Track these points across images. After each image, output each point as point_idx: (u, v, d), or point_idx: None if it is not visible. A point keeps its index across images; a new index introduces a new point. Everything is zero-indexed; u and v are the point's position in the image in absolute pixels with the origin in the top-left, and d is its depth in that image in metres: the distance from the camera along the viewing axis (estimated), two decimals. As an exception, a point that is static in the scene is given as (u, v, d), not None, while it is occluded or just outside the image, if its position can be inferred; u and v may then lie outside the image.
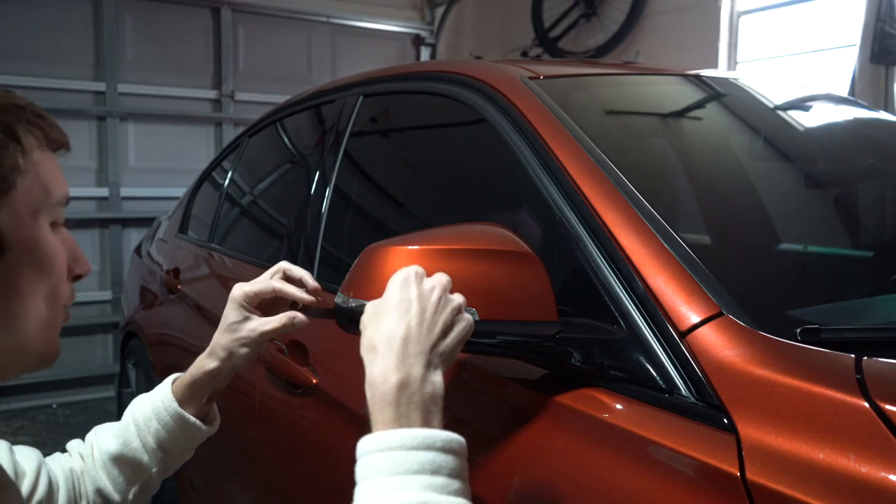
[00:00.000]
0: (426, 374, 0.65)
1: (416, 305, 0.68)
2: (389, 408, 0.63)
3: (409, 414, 0.63)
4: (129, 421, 0.94)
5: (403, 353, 0.65)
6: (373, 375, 0.66)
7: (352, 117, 1.55)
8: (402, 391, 0.64)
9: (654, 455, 0.72)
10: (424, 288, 0.69)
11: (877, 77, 2.76)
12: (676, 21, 3.73)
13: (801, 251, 1.17)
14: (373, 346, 0.67)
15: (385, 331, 0.67)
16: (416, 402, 0.64)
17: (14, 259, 0.61)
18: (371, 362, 0.67)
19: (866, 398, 0.63)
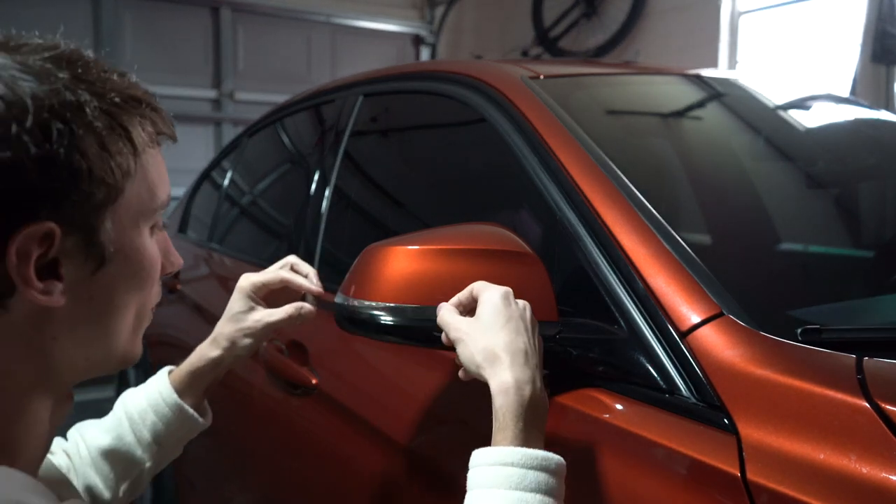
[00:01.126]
0: (543, 389, 0.70)
1: (522, 322, 0.71)
2: (521, 419, 0.66)
3: (537, 426, 0.67)
4: (120, 415, 0.91)
5: (527, 367, 0.68)
6: (506, 384, 0.67)
7: (352, 117, 1.55)
8: (532, 403, 0.67)
9: (655, 455, 0.72)
10: (521, 306, 0.73)
11: (878, 77, 2.77)
12: (676, 21, 3.73)
13: (801, 251, 1.16)
14: (496, 356, 0.69)
15: (507, 342, 0.69)
16: (540, 416, 0.68)
17: (112, 270, 0.57)
18: (498, 371, 0.68)
19: (867, 398, 0.63)
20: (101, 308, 0.58)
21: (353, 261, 0.89)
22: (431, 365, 1.02)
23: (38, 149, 0.50)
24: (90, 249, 0.55)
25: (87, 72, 0.56)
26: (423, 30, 4.89)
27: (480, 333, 0.71)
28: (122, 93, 0.57)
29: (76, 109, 0.53)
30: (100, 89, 0.55)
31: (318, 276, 0.97)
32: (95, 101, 0.54)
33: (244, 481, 1.55)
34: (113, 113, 0.56)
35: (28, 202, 0.51)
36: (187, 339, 2.00)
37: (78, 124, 0.52)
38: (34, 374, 0.57)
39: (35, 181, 0.50)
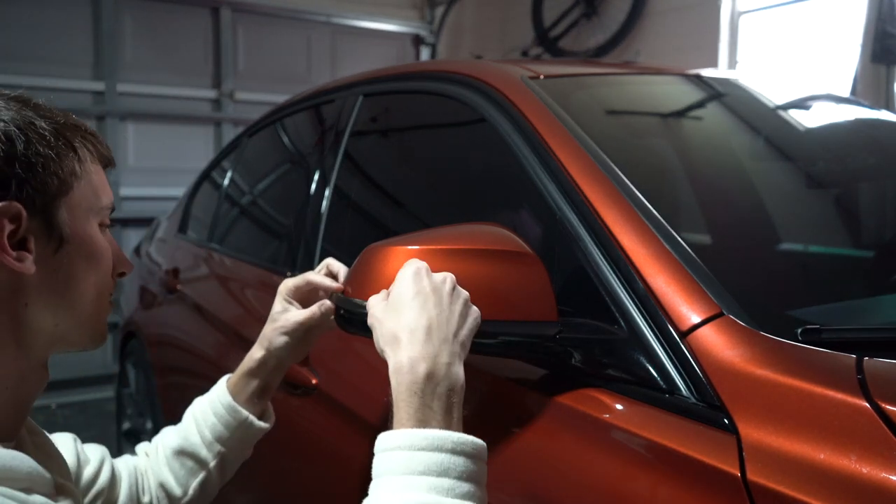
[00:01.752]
0: (451, 364, 0.68)
1: (433, 296, 0.71)
2: (415, 397, 0.66)
3: (432, 404, 0.65)
4: (189, 418, 1.01)
5: (429, 343, 0.68)
6: (400, 363, 0.67)
7: (352, 117, 1.55)
8: (429, 381, 0.66)
9: (655, 455, 0.72)
10: (436, 280, 0.73)
11: (878, 77, 2.77)
12: (677, 21, 3.73)
13: (801, 251, 1.16)
14: (395, 337, 0.69)
15: (407, 321, 0.69)
16: (439, 393, 0.66)
17: (70, 250, 0.70)
18: (395, 352, 0.69)
19: (867, 399, 0.63)
20: (63, 281, 0.70)
21: (353, 261, 0.89)
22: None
23: (2, 147, 0.64)
24: (51, 231, 0.68)
25: (38, 106, 0.71)
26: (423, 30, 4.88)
27: (387, 316, 0.71)
28: (66, 119, 0.73)
29: (29, 124, 0.68)
30: (47, 114, 0.71)
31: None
32: (43, 122, 0.69)
33: (244, 481, 1.55)
34: (58, 130, 0.70)
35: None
36: (187, 339, 2.00)
37: (31, 133, 0.67)
38: (8, 336, 0.67)
39: (2, 170, 0.64)
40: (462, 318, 0.72)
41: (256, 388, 1.00)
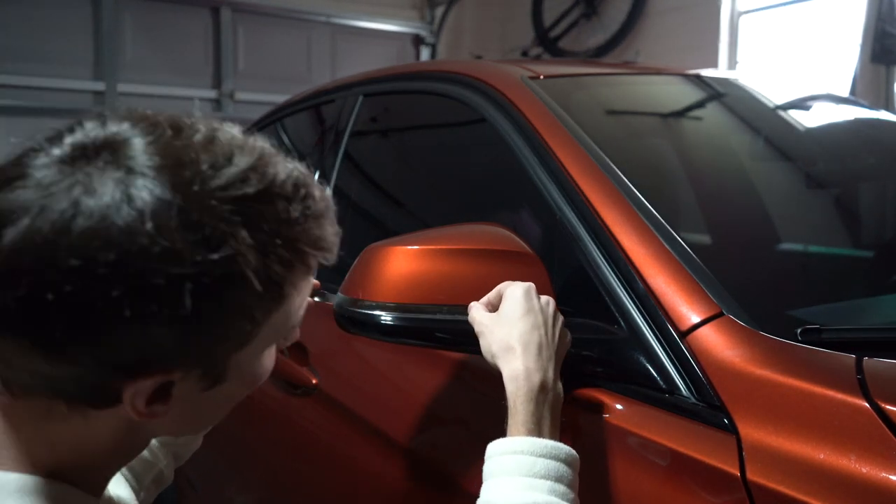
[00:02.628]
0: (556, 379, 0.72)
1: (541, 316, 0.75)
2: (532, 403, 0.69)
3: (545, 413, 0.70)
4: None
5: (540, 357, 0.72)
6: (516, 371, 0.71)
7: (352, 117, 1.55)
8: (543, 391, 0.70)
9: (655, 455, 0.72)
10: (542, 301, 0.76)
11: (877, 77, 2.77)
12: (676, 21, 3.73)
13: (801, 251, 1.16)
14: (510, 347, 0.72)
15: (521, 333, 0.72)
16: (549, 403, 0.70)
17: (225, 389, 0.57)
18: (510, 360, 0.72)
19: (867, 398, 0.63)
20: (203, 413, 0.61)
21: (353, 261, 0.89)
22: (431, 365, 1.01)
23: (187, 320, 0.48)
24: (207, 376, 0.54)
25: (265, 219, 0.50)
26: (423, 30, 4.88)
27: (499, 326, 0.74)
28: (294, 245, 0.52)
29: (236, 282, 0.49)
30: (270, 246, 0.51)
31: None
32: (262, 263, 0.50)
33: (244, 481, 1.55)
34: (273, 273, 0.51)
35: (161, 359, 0.50)
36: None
37: (230, 296, 0.50)
38: (120, 441, 0.58)
39: (176, 343, 0.50)
40: (562, 339, 0.77)
41: None
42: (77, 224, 0.45)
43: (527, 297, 0.75)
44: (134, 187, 0.47)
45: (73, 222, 0.45)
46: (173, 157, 0.49)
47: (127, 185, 0.47)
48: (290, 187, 0.52)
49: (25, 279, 0.45)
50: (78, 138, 0.49)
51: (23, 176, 0.47)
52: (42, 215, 0.45)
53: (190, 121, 0.54)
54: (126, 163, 0.48)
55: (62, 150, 0.49)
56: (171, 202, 0.47)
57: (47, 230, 0.45)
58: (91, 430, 0.55)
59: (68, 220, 0.45)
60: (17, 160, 0.49)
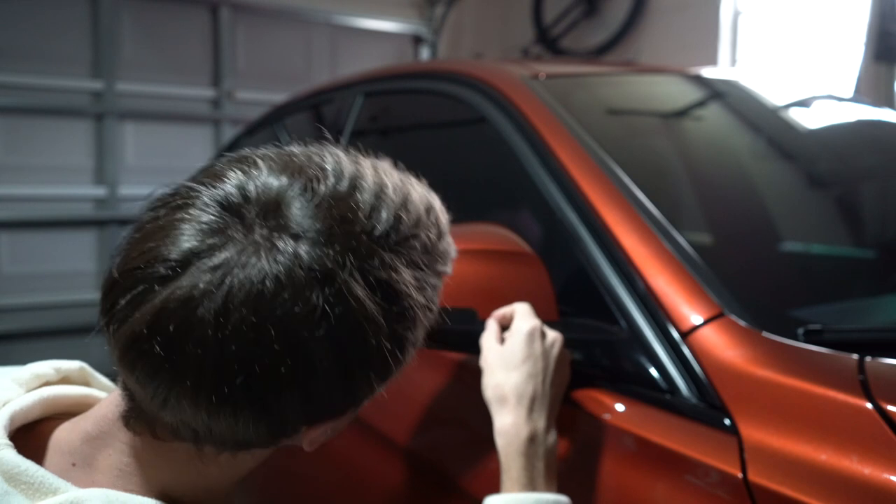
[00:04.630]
0: (548, 428, 0.72)
1: (542, 363, 0.74)
2: (522, 458, 0.70)
3: (537, 465, 0.70)
4: None
5: (532, 410, 0.72)
6: (505, 426, 0.72)
7: (352, 117, 1.55)
8: (532, 444, 0.70)
9: (655, 456, 0.72)
10: (547, 344, 0.76)
11: (880, 76, 2.76)
12: (677, 20, 3.72)
13: (803, 251, 1.16)
14: (503, 397, 0.73)
15: (515, 384, 0.73)
16: (541, 454, 0.71)
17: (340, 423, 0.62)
18: (501, 412, 0.73)
19: (869, 399, 0.63)
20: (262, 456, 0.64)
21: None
22: (431, 365, 1.01)
23: (379, 373, 0.54)
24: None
25: (416, 252, 0.55)
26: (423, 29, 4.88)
27: (498, 368, 0.75)
28: (433, 263, 0.58)
29: (413, 324, 0.55)
30: (425, 278, 0.56)
31: None
32: (425, 300, 0.56)
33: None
34: (430, 302, 0.57)
35: (345, 408, 0.57)
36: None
37: (413, 336, 0.55)
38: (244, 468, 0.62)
39: (363, 392, 0.56)
40: (561, 382, 0.76)
41: None
42: (267, 290, 0.47)
43: (529, 340, 0.75)
44: (304, 252, 0.49)
45: (262, 289, 0.47)
46: (336, 219, 0.51)
47: (297, 251, 0.49)
48: (424, 212, 0.57)
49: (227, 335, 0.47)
50: (237, 198, 0.51)
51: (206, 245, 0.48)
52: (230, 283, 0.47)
53: (326, 160, 0.56)
54: (292, 228, 0.49)
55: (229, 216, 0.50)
56: (344, 264, 0.49)
57: (241, 298, 0.47)
58: (234, 466, 0.59)
59: (259, 287, 0.47)
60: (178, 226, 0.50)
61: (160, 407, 0.50)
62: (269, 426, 0.52)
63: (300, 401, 0.50)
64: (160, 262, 0.48)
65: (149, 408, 0.52)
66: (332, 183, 0.53)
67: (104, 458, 0.56)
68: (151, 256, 0.48)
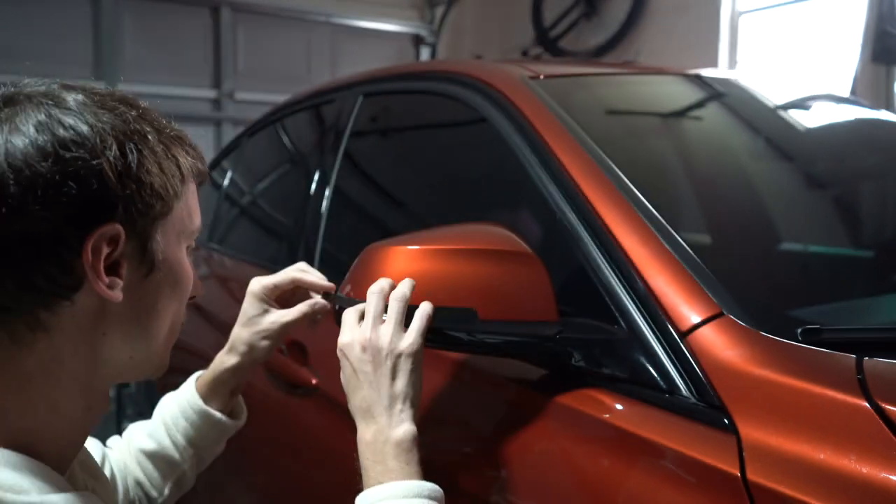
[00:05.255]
0: (391, 423, 0.74)
1: (359, 376, 0.77)
2: (369, 463, 0.73)
3: (386, 462, 0.73)
4: (158, 420, 0.98)
5: (370, 416, 0.75)
6: (358, 435, 0.76)
7: (352, 117, 1.55)
8: (374, 444, 0.74)
9: (655, 456, 0.72)
10: (355, 354, 0.77)
11: (878, 76, 2.76)
12: (677, 21, 3.73)
13: (802, 251, 1.16)
14: (352, 413, 0.78)
15: (354, 405, 0.77)
16: (388, 451, 0.73)
17: (159, 277, 0.66)
18: (357, 423, 0.77)
19: (867, 399, 0.63)
20: (146, 310, 0.66)
21: (353, 261, 0.89)
22: (431, 365, 1.01)
23: (117, 162, 0.60)
24: (144, 256, 0.64)
25: (147, 113, 0.67)
26: (423, 30, 4.88)
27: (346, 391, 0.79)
28: (172, 130, 0.69)
29: (142, 137, 0.64)
30: (157, 125, 0.67)
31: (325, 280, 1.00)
32: (155, 134, 0.65)
33: (244, 481, 1.55)
34: (167, 143, 0.66)
35: (105, 205, 0.60)
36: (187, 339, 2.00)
37: (144, 148, 0.63)
38: (82, 367, 0.63)
39: (113, 187, 0.60)
40: (392, 373, 0.76)
41: (229, 391, 0.98)
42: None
43: (343, 363, 0.78)
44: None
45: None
46: (67, 84, 0.64)
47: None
48: (155, 110, 0.70)
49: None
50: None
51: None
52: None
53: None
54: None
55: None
56: (84, 100, 0.63)
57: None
58: (55, 352, 0.61)
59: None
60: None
61: None
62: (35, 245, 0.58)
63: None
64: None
65: None
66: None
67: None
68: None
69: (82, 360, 0.63)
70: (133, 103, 0.67)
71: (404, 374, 0.77)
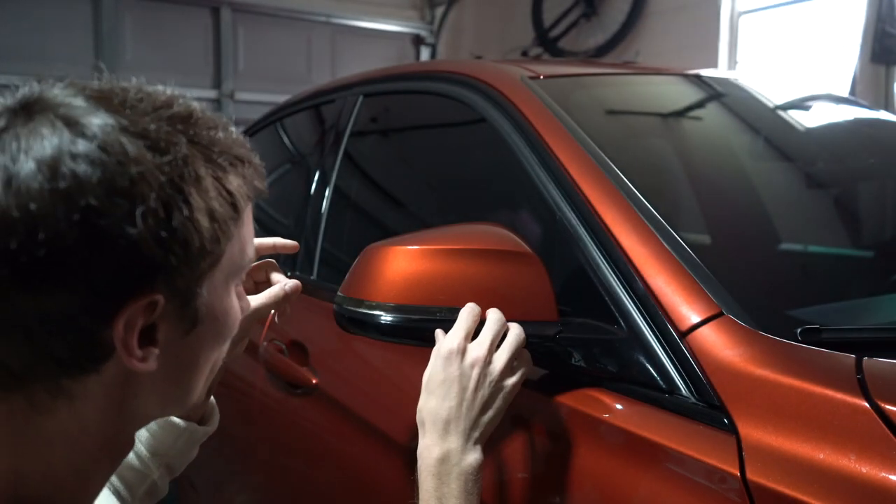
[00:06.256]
0: (465, 448, 0.73)
1: (457, 385, 0.74)
2: (432, 478, 0.72)
3: (450, 483, 0.71)
4: None
5: (445, 431, 0.73)
6: (420, 448, 0.74)
7: (352, 117, 1.55)
8: (443, 464, 0.72)
9: (655, 455, 0.72)
10: (465, 365, 0.75)
11: (877, 77, 2.76)
12: (676, 21, 3.73)
13: (801, 251, 1.16)
14: (422, 420, 0.75)
15: (430, 408, 0.75)
16: (455, 474, 0.72)
17: (202, 331, 0.57)
18: (421, 433, 0.75)
19: (867, 398, 0.63)
20: (185, 367, 0.58)
21: (353, 261, 0.89)
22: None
23: (160, 226, 0.49)
24: (186, 313, 0.55)
25: (199, 134, 0.54)
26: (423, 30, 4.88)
27: (423, 391, 0.77)
28: (229, 153, 0.56)
29: (195, 183, 0.52)
30: (211, 154, 0.54)
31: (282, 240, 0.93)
32: (209, 168, 0.53)
33: (244, 481, 1.55)
34: (221, 178, 0.54)
35: (143, 276, 0.50)
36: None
37: (195, 199, 0.51)
38: (108, 429, 0.56)
39: (154, 256, 0.49)
40: (485, 402, 0.75)
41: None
42: (25, 176, 0.46)
43: (445, 364, 0.75)
44: (78, 122, 0.48)
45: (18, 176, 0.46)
46: (101, 93, 0.51)
47: (69, 123, 0.48)
48: (209, 116, 0.57)
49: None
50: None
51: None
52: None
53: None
54: (59, 110, 0.49)
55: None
56: (114, 123, 0.49)
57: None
58: (79, 418, 0.54)
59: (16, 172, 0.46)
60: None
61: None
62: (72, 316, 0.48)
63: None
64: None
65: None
66: (105, 86, 0.54)
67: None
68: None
69: (108, 423, 0.56)
70: (183, 117, 0.54)
71: (496, 408, 0.76)
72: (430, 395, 0.75)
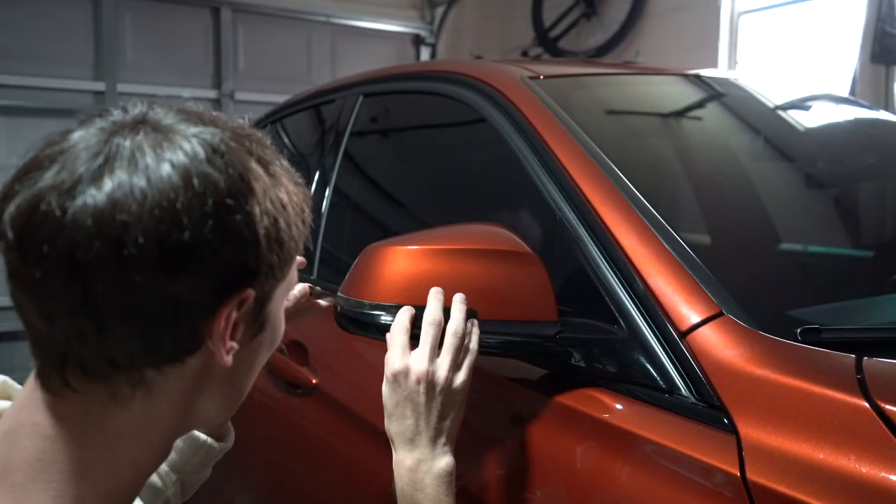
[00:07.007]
0: (434, 455, 0.76)
1: (409, 405, 0.77)
2: (407, 487, 0.75)
3: (424, 489, 0.74)
4: None
5: (412, 445, 0.76)
6: (393, 463, 0.77)
7: (352, 117, 1.55)
8: (415, 472, 0.75)
9: (655, 455, 0.72)
10: (411, 384, 0.77)
11: (877, 77, 2.76)
12: (676, 21, 3.73)
13: (801, 251, 1.16)
14: (390, 437, 0.78)
15: (394, 429, 0.78)
16: (428, 480, 0.75)
17: (263, 337, 0.62)
18: (392, 450, 0.78)
19: (867, 398, 0.63)
20: (244, 370, 0.62)
21: (353, 261, 0.89)
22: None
23: (274, 227, 0.55)
24: (258, 317, 0.59)
25: (273, 155, 0.60)
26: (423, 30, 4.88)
27: (386, 413, 0.79)
28: (293, 177, 0.62)
29: (287, 196, 0.58)
30: (285, 176, 0.60)
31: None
32: (291, 185, 0.60)
33: (244, 481, 1.55)
34: (294, 193, 0.60)
35: (249, 272, 0.55)
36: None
37: (288, 210, 0.58)
38: (172, 426, 0.59)
39: (265, 255, 0.55)
40: (442, 409, 0.77)
41: None
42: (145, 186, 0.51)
43: (394, 387, 0.77)
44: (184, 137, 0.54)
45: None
46: (195, 114, 0.58)
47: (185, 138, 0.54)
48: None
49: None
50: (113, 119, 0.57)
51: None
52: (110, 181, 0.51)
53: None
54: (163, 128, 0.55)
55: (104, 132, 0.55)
56: (225, 139, 0.55)
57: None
58: (151, 411, 0.56)
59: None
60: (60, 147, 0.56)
61: (48, 325, 0.51)
62: (163, 320, 0.52)
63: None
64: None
65: (44, 335, 0.52)
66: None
67: (19, 451, 0.54)
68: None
69: (175, 419, 0.58)
70: (259, 139, 0.59)
71: (453, 410, 0.78)
72: (391, 419, 0.78)
